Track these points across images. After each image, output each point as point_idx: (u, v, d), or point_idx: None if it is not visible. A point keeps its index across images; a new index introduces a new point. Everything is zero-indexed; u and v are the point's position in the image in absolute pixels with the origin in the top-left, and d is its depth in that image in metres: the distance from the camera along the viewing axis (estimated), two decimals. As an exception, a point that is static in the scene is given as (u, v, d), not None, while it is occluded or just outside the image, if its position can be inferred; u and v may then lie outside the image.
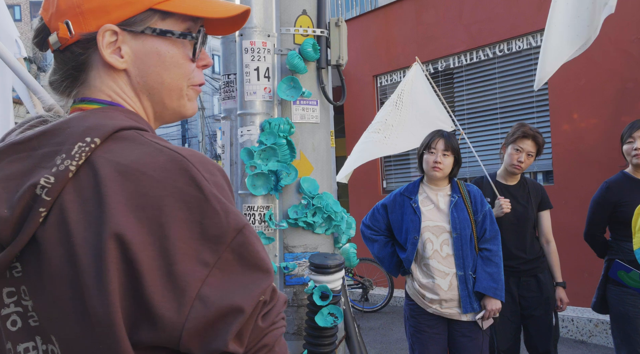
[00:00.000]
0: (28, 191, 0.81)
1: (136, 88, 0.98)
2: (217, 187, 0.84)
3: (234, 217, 0.83)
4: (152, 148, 0.85)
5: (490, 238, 3.22)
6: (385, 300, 7.62)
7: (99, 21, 0.93)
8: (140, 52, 0.96)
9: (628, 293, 3.28)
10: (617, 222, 3.39)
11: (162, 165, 0.83)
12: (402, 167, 8.44)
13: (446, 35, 7.57)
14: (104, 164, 0.82)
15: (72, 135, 0.84)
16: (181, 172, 0.82)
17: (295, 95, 2.71)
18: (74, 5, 0.93)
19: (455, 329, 3.23)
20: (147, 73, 0.97)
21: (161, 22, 0.96)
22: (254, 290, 0.83)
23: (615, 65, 5.89)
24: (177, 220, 0.80)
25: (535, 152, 3.59)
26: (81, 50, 0.95)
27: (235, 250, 0.83)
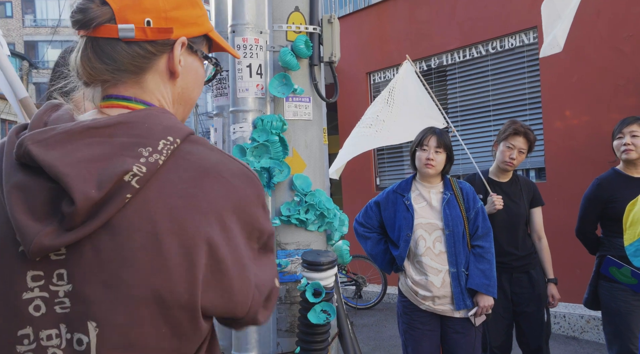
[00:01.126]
0: (118, 176, 0.85)
1: (175, 99, 1.07)
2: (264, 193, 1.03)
3: (269, 225, 1.02)
4: (223, 155, 0.98)
5: (483, 235, 3.23)
6: (378, 297, 7.64)
7: (179, 31, 1.02)
8: (188, 68, 1.06)
9: (619, 289, 3.30)
10: (608, 218, 3.40)
11: (236, 173, 0.96)
12: (396, 164, 8.45)
13: (439, 33, 7.58)
14: (191, 164, 0.92)
15: (153, 131, 0.92)
16: (250, 182, 0.98)
17: (286, 91, 2.70)
18: (160, 9, 1.00)
19: (448, 326, 3.23)
20: (187, 86, 1.08)
21: (204, 47, 1.11)
22: (275, 270, 1.06)
23: (607, 62, 5.91)
24: (245, 222, 0.96)
25: (527, 149, 3.60)
26: (154, 51, 1.01)
27: (264, 248, 1.02)
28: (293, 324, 2.71)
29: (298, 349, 2.58)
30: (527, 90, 6.71)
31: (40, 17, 38.25)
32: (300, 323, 2.58)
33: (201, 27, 1.06)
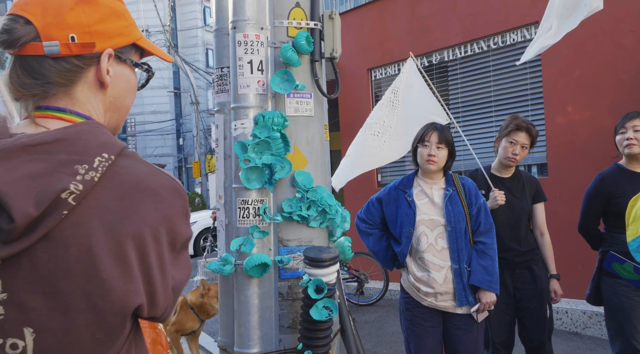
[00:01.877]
0: (55, 194, 0.90)
1: (106, 107, 1.12)
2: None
3: (189, 232, 1.10)
4: (152, 168, 1.04)
5: (485, 231, 3.22)
6: (380, 293, 7.63)
7: (104, 43, 1.07)
8: (119, 76, 1.12)
9: (622, 284, 3.30)
10: (611, 214, 3.40)
11: (165, 186, 1.03)
12: (397, 161, 8.42)
13: (440, 28, 7.55)
14: (124, 179, 0.98)
15: (88, 147, 0.96)
16: (177, 193, 1.05)
17: (288, 88, 2.69)
18: (84, 24, 1.05)
19: (451, 322, 3.23)
20: (119, 95, 1.13)
21: (134, 55, 1.16)
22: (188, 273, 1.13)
23: (609, 57, 5.89)
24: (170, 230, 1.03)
25: (530, 144, 3.59)
26: (82, 64, 1.06)
27: (180, 251, 1.08)
28: (295, 321, 2.71)
29: (300, 346, 2.58)
30: (529, 86, 6.69)
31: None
32: (303, 319, 2.57)
33: (128, 37, 1.12)
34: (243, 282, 2.70)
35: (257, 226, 2.68)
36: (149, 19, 27.78)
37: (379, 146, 4.12)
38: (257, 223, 2.68)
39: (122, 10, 1.12)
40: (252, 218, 2.68)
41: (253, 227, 2.67)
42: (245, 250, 2.65)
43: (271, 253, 2.71)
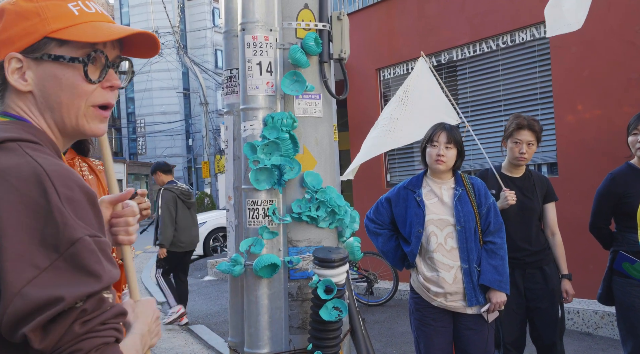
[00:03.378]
0: None
1: (40, 108, 1.12)
2: (68, 201, 0.95)
3: (70, 230, 0.92)
4: (23, 160, 0.97)
5: (495, 230, 3.21)
6: (390, 294, 7.63)
7: (7, 50, 1.09)
8: (41, 76, 1.10)
9: (633, 284, 3.28)
10: (622, 213, 3.38)
11: (24, 175, 0.94)
12: (406, 161, 8.43)
13: (449, 28, 7.54)
14: None
15: None
16: (37, 184, 0.93)
17: (299, 89, 2.70)
18: None
19: (461, 322, 3.23)
20: (48, 94, 1.11)
21: (58, 48, 1.11)
22: (79, 289, 0.91)
23: (619, 55, 5.85)
24: (21, 224, 0.90)
25: (535, 140, 3.57)
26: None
27: (68, 260, 0.91)
28: (305, 321, 2.72)
29: (310, 346, 2.59)
30: (538, 85, 6.66)
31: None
32: (312, 320, 2.58)
33: (35, 34, 1.09)
34: (253, 283, 2.71)
35: (266, 227, 2.68)
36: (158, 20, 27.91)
37: (384, 135, 4.12)
38: (267, 224, 2.69)
39: (31, 9, 1.10)
40: (261, 218, 2.69)
41: (262, 228, 2.68)
42: (254, 250, 2.66)
43: (281, 254, 2.72)
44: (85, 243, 0.93)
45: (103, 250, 0.97)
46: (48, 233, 0.91)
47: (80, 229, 0.94)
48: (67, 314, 0.90)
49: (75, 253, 0.92)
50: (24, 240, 0.90)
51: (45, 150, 1.04)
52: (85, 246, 0.93)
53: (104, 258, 0.96)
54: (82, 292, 0.91)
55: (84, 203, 0.98)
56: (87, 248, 0.93)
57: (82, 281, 0.91)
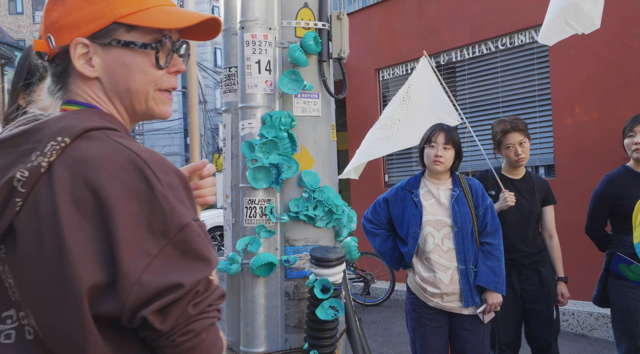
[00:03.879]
0: (7, 184, 0.93)
1: (108, 94, 1.09)
2: (169, 187, 0.96)
3: (178, 215, 0.94)
4: (114, 148, 0.96)
5: (492, 232, 3.22)
6: (386, 294, 7.64)
7: (72, 35, 1.05)
8: (109, 62, 1.08)
9: (629, 286, 3.28)
10: (618, 216, 3.39)
11: (121, 164, 0.94)
12: (404, 161, 8.43)
13: (448, 29, 7.54)
14: (72, 161, 0.93)
15: (48, 134, 0.96)
16: (137, 172, 0.94)
17: (297, 88, 2.70)
18: (54, 22, 1.06)
19: (457, 323, 3.23)
20: (117, 80, 1.09)
21: (127, 34, 1.08)
22: (195, 274, 0.93)
23: (618, 58, 5.87)
24: (128, 212, 0.91)
25: (525, 136, 3.58)
26: (60, 61, 1.08)
27: (177, 245, 0.93)
28: (301, 321, 2.72)
29: (306, 346, 2.59)
30: (537, 87, 6.68)
31: (50, 14, 38.40)
32: (309, 319, 2.58)
33: (103, 19, 1.06)
34: (249, 281, 2.72)
35: (263, 226, 2.69)
36: (157, 18, 27.83)
37: (385, 138, 4.11)
38: (264, 223, 2.69)
39: None
40: (258, 217, 2.69)
41: (260, 227, 2.68)
42: (251, 249, 2.66)
43: (278, 253, 2.72)
44: (193, 227, 0.95)
45: (205, 233, 0.99)
46: (155, 220, 0.92)
47: (186, 214, 0.95)
48: (183, 297, 0.92)
49: (184, 239, 0.93)
50: (133, 228, 0.91)
51: (125, 136, 1.03)
52: (193, 230, 0.95)
53: (208, 242, 0.98)
54: (198, 277, 0.93)
55: (181, 187, 0.99)
56: (194, 232, 0.95)
57: (195, 265, 0.94)
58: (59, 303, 0.90)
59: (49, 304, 0.91)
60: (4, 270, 0.98)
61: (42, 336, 0.95)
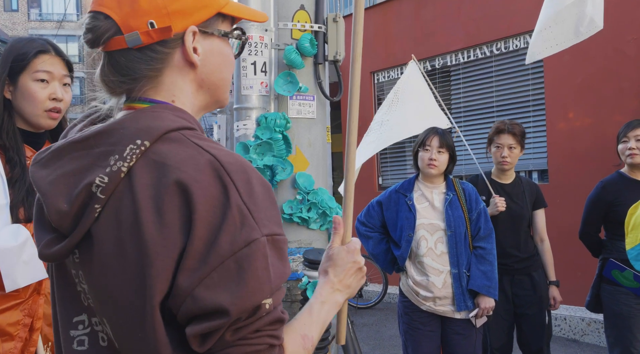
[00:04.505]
0: (85, 189, 0.89)
1: (199, 84, 1.05)
2: (248, 196, 0.89)
3: (248, 230, 0.87)
4: (195, 151, 0.91)
5: (485, 236, 3.22)
6: (379, 297, 7.63)
7: (184, 22, 0.99)
8: (208, 52, 1.04)
9: (622, 292, 3.29)
10: (612, 221, 3.40)
11: (201, 168, 0.89)
12: (398, 164, 8.44)
13: (444, 33, 7.56)
14: (153, 166, 0.90)
15: (125, 136, 0.91)
16: (216, 177, 0.89)
17: (292, 90, 2.70)
18: (160, 7, 0.98)
19: (449, 327, 3.23)
20: (212, 70, 1.05)
21: (221, 24, 1.07)
22: (245, 299, 0.86)
23: (612, 64, 5.89)
24: (204, 219, 0.86)
25: (517, 143, 3.59)
26: (166, 49, 1.00)
27: (239, 261, 0.86)
28: (293, 323, 2.71)
29: (298, 348, 2.58)
30: (531, 92, 6.70)
31: (46, 11, 38.29)
32: (301, 321, 2.57)
33: (210, 8, 1.03)
34: (242, 283, 2.71)
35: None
36: (152, 17, 27.82)
37: (375, 138, 4.12)
38: (258, 224, 2.68)
39: None
40: (252, 219, 2.68)
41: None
42: (245, 250, 2.66)
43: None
44: (260, 245, 0.88)
45: (279, 248, 0.92)
46: (224, 231, 0.86)
47: (257, 229, 0.88)
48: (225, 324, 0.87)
49: (247, 255, 0.87)
50: (204, 237, 0.86)
51: (203, 136, 0.98)
52: (258, 248, 0.88)
53: (276, 259, 0.91)
54: (247, 304, 0.87)
55: (262, 196, 0.92)
56: (260, 250, 0.88)
57: (247, 291, 0.86)
58: (136, 313, 0.87)
59: (126, 313, 0.89)
60: (77, 275, 0.96)
61: (117, 344, 0.93)
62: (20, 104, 1.92)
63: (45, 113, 1.93)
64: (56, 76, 1.95)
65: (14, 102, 1.92)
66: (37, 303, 1.86)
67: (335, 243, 1.21)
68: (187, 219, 0.86)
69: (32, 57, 1.90)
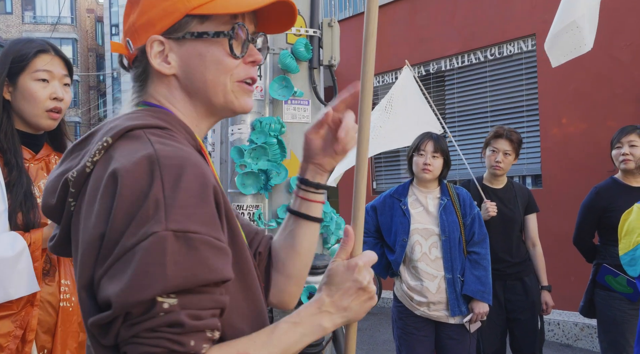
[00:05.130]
0: (63, 184, 0.97)
1: (186, 90, 1.07)
2: (172, 191, 0.87)
3: (152, 224, 0.84)
4: (142, 146, 0.92)
5: (479, 241, 3.23)
6: (372, 301, 7.62)
7: (147, 34, 1.04)
8: (185, 57, 1.05)
9: (615, 297, 3.30)
10: (605, 227, 3.41)
11: (137, 160, 0.89)
12: (392, 168, 8.46)
13: (438, 38, 7.59)
14: (106, 161, 0.94)
15: (99, 135, 0.99)
16: (147, 169, 0.88)
17: (287, 94, 2.70)
18: (130, 25, 1.07)
19: (443, 332, 3.23)
20: (193, 74, 1.06)
21: (200, 25, 1.04)
22: (132, 294, 0.83)
23: (605, 70, 5.93)
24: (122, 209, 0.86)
25: (513, 150, 3.60)
26: (139, 63, 1.08)
27: (136, 253, 0.84)
28: (287, 327, 2.70)
29: (292, 353, 2.58)
30: (525, 97, 6.73)
31: (40, 14, 38.21)
32: (295, 326, 2.57)
33: (175, 13, 1.03)
34: (236, 287, 2.70)
35: (251, 232, 2.67)
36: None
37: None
38: (252, 229, 2.68)
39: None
40: (246, 223, 2.68)
41: (247, 232, 2.67)
42: (239, 255, 2.65)
43: (265, 259, 2.71)
44: (158, 239, 0.84)
45: (192, 247, 0.86)
46: (135, 222, 0.85)
47: (163, 223, 0.84)
48: (117, 316, 0.86)
49: (143, 248, 0.83)
50: (117, 226, 0.86)
51: (173, 134, 0.99)
52: (156, 242, 0.84)
53: (184, 257, 0.85)
54: (130, 301, 0.83)
55: (189, 193, 0.88)
56: (156, 245, 0.84)
57: (131, 285, 0.83)
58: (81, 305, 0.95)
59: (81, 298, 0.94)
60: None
61: None
62: (20, 104, 1.90)
63: (45, 114, 1.92)
64: (56, 76, 1.93)
65: (14, 103, 1.90)
66: (30, 314, 1.82)
67: (340, 257, 1.12)
68: (110, 208, 0.87)
69: (32, 57, 1.89)
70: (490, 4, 7.00)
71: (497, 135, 3.60)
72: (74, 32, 37.98)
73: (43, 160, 2.02)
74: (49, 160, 2.05)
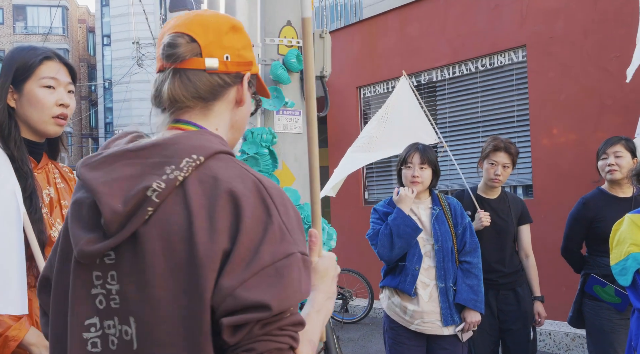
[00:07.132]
0: (140, 192, 0.99)
1: (232, 124, 1.22)
2: (285, 217, 1.03)
3: (286, 245, 1.00)
4: (242, 172, 1.05)
5: (470, 250, 3.23)
6: (365, 311, 7.61)
7: (247, 67, 1.19)
8: (246, 99, 1.22)
9: (603, 307, 3.31)
10: (593, 238, 3.42)
11: (249, 186, 1.02)
12: (384, 178, 8.47)
13: (429, 49, 7.64)
14: (204, 179, 1.02)
15: (180, 150, 1.03)
16: (259, 197, 1.02)
17: (278, 105, 2.72)
18: (235, 47, 1.17)
19: (435, 342, 3.22)
20: (242, 116, 1.23)
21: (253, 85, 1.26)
22: (284, 301, 0.97)
23: (595, 82, 5.98)
24: (249, 230, 0.98)
25: (510, 163, 3.61)
26: (230, 81, 1.17)
27: (278, 269, 0.98)
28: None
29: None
30: (516, 108, 6.77)
31: (32, 24, 38.12)
32: (286, 337, 2.56)
33: (255, 67, 1.22)
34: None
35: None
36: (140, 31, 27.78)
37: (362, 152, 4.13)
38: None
39: (251, 45, 1.23)
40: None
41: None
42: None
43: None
44: (297, 259, 1.00)
45: (307, 268, 1.04)
46: (266, 243, 0.98)
47: (295, 245, 1.01)
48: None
49: (286, 265, 0.98)
50: (248, 246, 0.97)
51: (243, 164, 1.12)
52: (295, 261, 1.00)
53: (306, 276, 1.03)
54: (284, 307, 0.97)
55: (295, 220, 1.05)
56: (296, 263, 1.00)
57: (287, 293, 0.97)
58: (182, 311, 0.97)
59: (168, 311, 0.98)
60: (102, 276, 1.04)
61: (137, 344, 1.00)
62: (27, 111, 1.87)
63: (52, 120, 1.89)
64: (62, 83, 1.92)
65: (19, 110, 1.88)
66: None
67: (314, 256, 1.29)
68: (235, 228, 0.98)
69: (38, 64, 1.87)
70: (481, 15, 7.06)
71: (496, 148, 3.59)
72: (65, 43, 37.89)
73: (44, 169, 2.00)
74: (49, 169, 2.02)
